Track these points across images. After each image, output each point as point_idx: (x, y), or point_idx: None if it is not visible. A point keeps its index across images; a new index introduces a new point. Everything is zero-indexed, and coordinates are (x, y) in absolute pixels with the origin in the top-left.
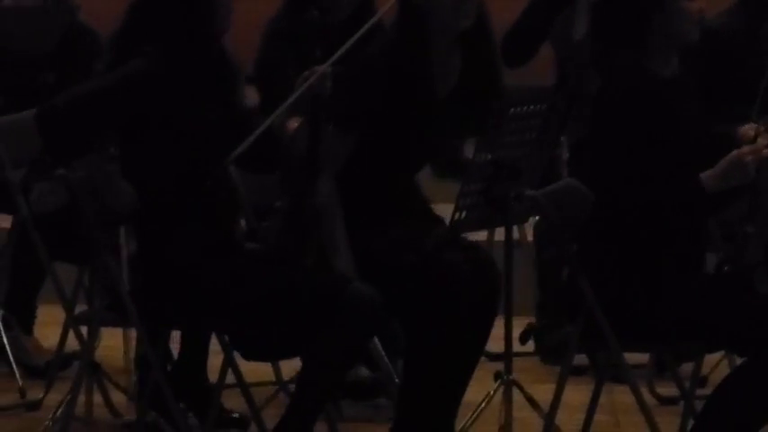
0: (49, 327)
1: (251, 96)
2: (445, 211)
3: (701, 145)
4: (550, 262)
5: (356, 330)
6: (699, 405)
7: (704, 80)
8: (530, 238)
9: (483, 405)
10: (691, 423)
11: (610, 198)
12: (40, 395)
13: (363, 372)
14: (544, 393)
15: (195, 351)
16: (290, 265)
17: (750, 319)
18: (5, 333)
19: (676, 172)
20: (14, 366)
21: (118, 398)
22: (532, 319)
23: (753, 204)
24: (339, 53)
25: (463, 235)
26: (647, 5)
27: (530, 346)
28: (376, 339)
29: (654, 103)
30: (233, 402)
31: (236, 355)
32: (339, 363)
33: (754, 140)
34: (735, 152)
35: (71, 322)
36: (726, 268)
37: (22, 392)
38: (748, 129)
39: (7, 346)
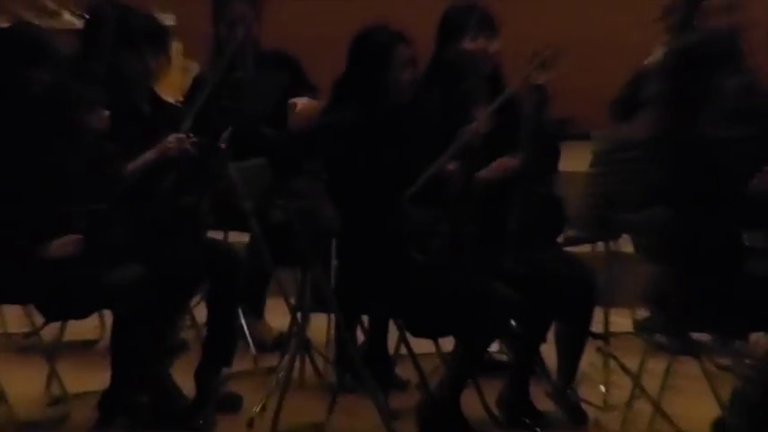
0: (273, 314)
1: None
2: None
3: None
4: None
5: (497, 319)
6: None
7: None
8: (624, 249)
9: (589, 369)
10: (740, 385)
11: (691, 217)
12: (269, 364)
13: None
14: (634, 362)
15: (378, 331)
16: (450, 270)
17: None
18: (244, 318)
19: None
20: (250, 342)
21: (323, 365)
22: (632, 309)
23: None
24: (490, 110)
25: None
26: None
27: (625, 326)
28: None
29: None
30: (405, 369)
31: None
32: (482, 341)
33: None
34: None
35: (295, 309)
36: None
37: (256, 361)
38: None
39: (245, 327)
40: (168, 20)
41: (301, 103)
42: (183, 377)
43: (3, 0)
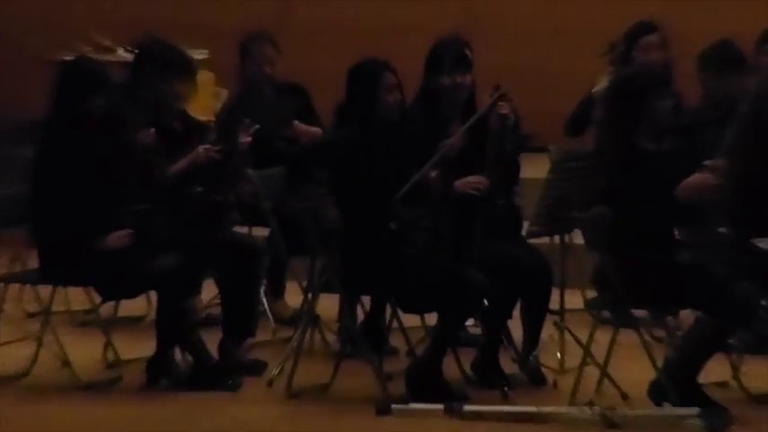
0: (288, 294)
1: None
2: None
3: None
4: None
5: (470, 299)
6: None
7: None
8: (576, 241)
9: (547, 340)
10: (671, 353)
11: (630, 215)
12: (286, 335)
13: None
14: (584, 334)
15: (377, 308)
16: (432, 259)
17: (707, 293)
18: (265, 297)
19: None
20: (270, 317)
21: (329, 337)
22: (583, 291)
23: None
24: (463, 129)
25: (532, 240)
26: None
27: (577, 304)
28: None
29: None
30: (396, 340)
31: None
32: (459, 317)
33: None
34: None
35: (306, 290)
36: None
37: (275, 332)
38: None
39: (266, 304)
40: (201, 54)
41: (298, 127)
42: (212, 346)
43: (68, 38)
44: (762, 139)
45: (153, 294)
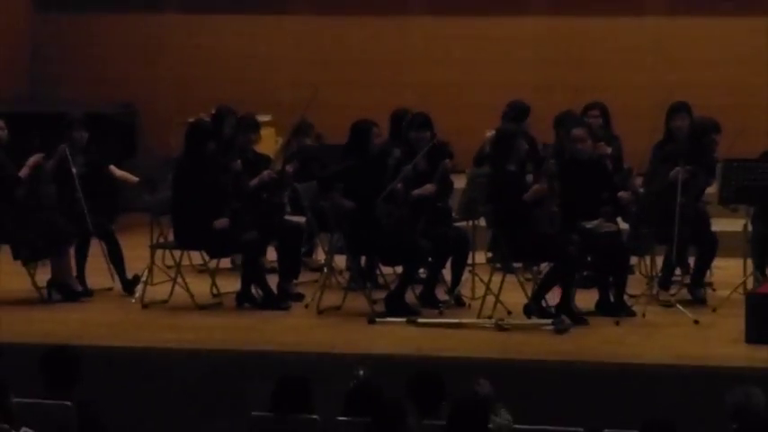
0: (317, 254)
1: None
2: None
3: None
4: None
5: (420, 257)
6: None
7: None
8: (482, 223)
9: (465, 280)
10: (535, 287)
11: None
12: (315, 278)
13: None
14: (486, 277)
15: (370, 262)
16: (398, 233)
17: (553, 251)
18: (304, 256)
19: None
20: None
21: (340, 279)
22: (485, 252)
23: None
24: (415, 161)
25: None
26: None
27: (482, 260)
28: None
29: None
30: (378, 280)
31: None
32: (413, 266)
33: None
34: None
35: (328, 252)
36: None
37: (309, 276)
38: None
39: (304, 260)
40: (266, 117)
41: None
42: (273, 285)
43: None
44: (562, 166)
45: (239, 256)
